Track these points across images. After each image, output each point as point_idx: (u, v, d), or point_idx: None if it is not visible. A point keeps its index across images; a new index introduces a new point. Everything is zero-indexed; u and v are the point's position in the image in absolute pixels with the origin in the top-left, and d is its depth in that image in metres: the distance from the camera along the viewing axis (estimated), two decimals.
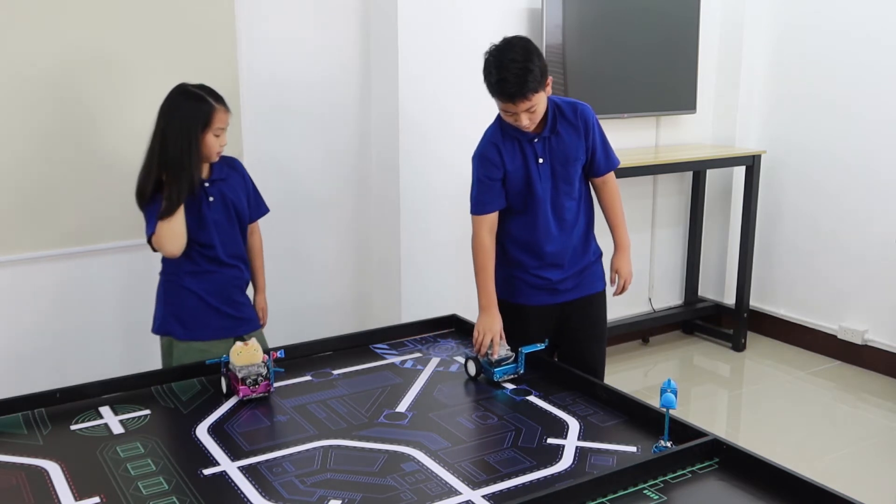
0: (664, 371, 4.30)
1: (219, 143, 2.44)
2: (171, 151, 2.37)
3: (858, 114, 4.16)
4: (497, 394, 2.21)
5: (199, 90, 2.43)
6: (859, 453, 3.41)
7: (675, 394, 1.82)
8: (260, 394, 2.14)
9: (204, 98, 2.41)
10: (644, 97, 4.22)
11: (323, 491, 1.70)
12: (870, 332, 4.24)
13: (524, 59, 2.26)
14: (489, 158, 2.46)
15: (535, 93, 2.29)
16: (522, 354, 2.29)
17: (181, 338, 2.52)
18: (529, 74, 2.26)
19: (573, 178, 2.50)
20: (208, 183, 2.47)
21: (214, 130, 2.41)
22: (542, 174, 2.46)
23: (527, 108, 2.32)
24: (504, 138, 2.47)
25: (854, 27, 4.12)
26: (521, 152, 2.46)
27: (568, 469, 1.79)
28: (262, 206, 2.69)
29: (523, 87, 2.26)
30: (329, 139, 3.38)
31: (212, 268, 2.50)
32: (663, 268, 4.73)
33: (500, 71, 2.27)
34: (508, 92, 2.28)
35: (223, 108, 2.43)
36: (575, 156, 2.49)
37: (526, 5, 3.83)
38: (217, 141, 2.43)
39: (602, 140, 2.54)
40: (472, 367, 2.30)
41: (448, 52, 3.32)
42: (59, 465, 1.81)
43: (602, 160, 2.55)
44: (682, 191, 4.71)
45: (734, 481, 1.72)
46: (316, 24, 3.27)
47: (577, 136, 2.48)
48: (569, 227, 2.53)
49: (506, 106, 2.34)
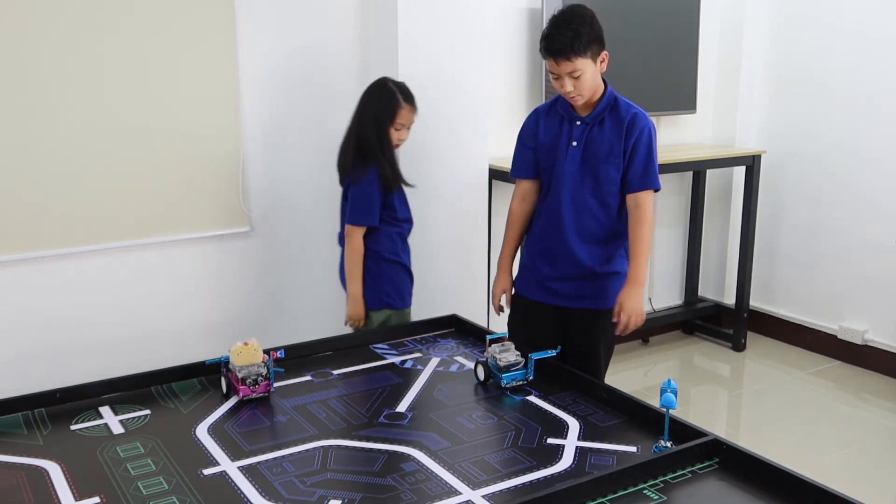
0: (664, 371, 4.30)
1: (397, 137, 2.83)
2: (365, 137, 2.79)
3: (859, 114, 4.16)
4: (498, 394, 2.21)
5: (394, 86, 2.82)
6: (859, 453, 3.41)
7: (675, 394, 1.82)
8: (260, 394, 2.14)
9: (394, 94, 2.79)
10: (644, 97, 4.20)
11: (323, 491, 1.70)
12: (870, 332, 4.24)
13: (578, 24, 2.30)
14: (527, 125, 2.58)
15: (579, 56, 2.30)
16: (532, 361, 2.22)
17: (400, 307, 2.88)
18: (578, 37, 2.28)
19: (603, 177, 2.43)
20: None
21: (396, 125, 2.80)
22: (571, 159, 2.43)
23: (570, 72, 2.32)
24: (549, 112, 2.52)
25: (854, 27, 4.12)
26: (559, 130, 2.47)
27: (568, 469, 1.79)
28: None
29: (567, 47, 2.28)
30: (329, 139, 3.37)
31: (409, 242, 2.94)
32: (663, 268, 4.73)
33: (551, 28, 2.32)
34: (553, 48, 2.30)
35: (409, 106, 2.81)
36: (609, 153, 2.42)
37: (526, 5, 3.83)
38: (397, 135, 2.82)
39: (646, 156, 2.43)
40: (480, 371, 2.26)
41: (448, 52, 3.32)
42: (59, 465, 1.81)
43: (636, 175, 2.43)
44: (682, 191, 4.71)
45: (734, 481, 1.72)
46: (316, 24, 3.27)
47: (619, 134, 2.42)
48: (586, 228, 2.46)
49: (551, 66, 2.35)
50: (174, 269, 3.13)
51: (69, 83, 2.82)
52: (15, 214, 2.81)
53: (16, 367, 2.87)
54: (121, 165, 2.95)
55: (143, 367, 2.33)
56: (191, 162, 3.07)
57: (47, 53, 2.77)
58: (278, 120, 3.25)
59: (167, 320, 3.14)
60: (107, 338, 3.04)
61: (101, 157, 2.91)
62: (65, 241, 2.91)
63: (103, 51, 2.86)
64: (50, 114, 2.81)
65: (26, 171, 2.80)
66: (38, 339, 2.92)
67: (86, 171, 2.90)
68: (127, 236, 3.00)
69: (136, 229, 3.02)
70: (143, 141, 2.97)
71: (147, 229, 3.04)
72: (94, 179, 2.91)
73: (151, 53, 2.94)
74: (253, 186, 3.22)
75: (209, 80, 3.06)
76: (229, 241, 3.23)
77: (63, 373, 2.67)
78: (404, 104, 2.80)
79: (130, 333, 3.07)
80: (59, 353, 2.95)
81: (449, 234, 3.45)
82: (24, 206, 2.82)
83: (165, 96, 2.98)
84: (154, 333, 3.11)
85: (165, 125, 3.00)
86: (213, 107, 3.08)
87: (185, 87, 3.02)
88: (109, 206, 2.95)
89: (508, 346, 2.27)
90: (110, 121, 2.91)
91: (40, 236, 2.86)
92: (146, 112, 2.96)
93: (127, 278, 3.05)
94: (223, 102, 3.10)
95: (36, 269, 2.89)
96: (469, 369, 2.38)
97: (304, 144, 3.32)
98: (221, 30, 3.06)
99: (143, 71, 2.93)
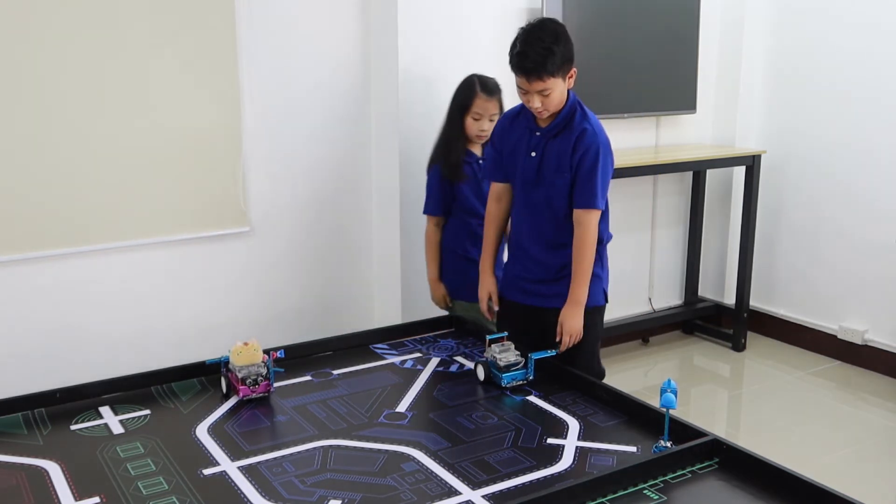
0: (664, 371, 4.30)
1: (477, 127, 2.84)
2: (443, 129, 2.92)
3: (859, 114, 4.16)
4: (498, 394, 2.21)
5: (476, 78, 2.87)
6: (859, 453, 3.41)
7: (675, 394, 1.82)
8: (260, 394, 2.14)
9: (473, 85, 2.84)
10: (644, 97, 4.22)
11: (323, 491, 1.70)
12: (870, 332, 4.24)
13: (550, 41, 2.28)
14: (496, 130, 2.60)
15: (551, 76, 2.29)
16: (532, 361, 2.24)
17: (469, 300, 2.83)
18: (550, 56, 2.27)
19: (554, 189, 2.42)
20: (482, 160, 2.88)
21: (473, 114, 2.83)
22: (529, 168, 2.46)
23: (540, 90, 2.31)
24: (517, 117, 2.52)
25: (855, 28, 4.12)
26: (521, 139, 2.48)
27: (568, 469, 1.79)
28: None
29: (540, 66, 2.27)
30: (329, 139, 3.37)
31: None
32: (663, 268, 4.73)
33: (524, 45, 2.30)
34: (525, 67, 2.29)
35: (486, 96, 2.82)
36: (558, 166, 2.40)
37: (526, 5, 3.83)
38: (476, 125, 2.84)
39: (587, 174, 2.37)
40: (480, 371, 2.27)
41: (448, 51, 3.32)
42: (59, 465, 1.81)
43: (577, 192, 2.39)
44: (682, 191, 4.71)
45: (734, 481, 1.72)
46: (316, 24, 3.27)
47: (567, 149, 2.39)
48: (543, 234, 2.48)
49: (520, 82, 2.34)
50: (174, 269, 3.13)
51: (69, 83, 2.82)
52: (15, 214, 2.81)
53: (16, 367, 2.87)
54: (121, 165, 2.94)
55: (143, 367, 2.33)
56: (191, 162, 3.07)
57: (47, 53, 2.77)
58: (278, 120, 3.25)
59: (167, 320, 3.14)
60: (107, 338, 3.04)
61: (101, 157, 2.91)
62: (65, 241, 2.90)
63: (103, 51, 2.85)
64: (50, 114, 2.81)
65: (26, 171, 2.80)
66: (38, 338, 2.92)
67: (86, 171, 2.90)
68: (127, 236, 3.00)
69: (136, 229, 3.01)
70: (144, 141, 2.97)
71: (147, 229, 3.04)
72: (94, 179, 2.91)
73: (151, 53, 2.94)
74: (253, 186, 3.22)
75: (209, 80, 3.06)
76: (229, 241, 3.22)
77: (63, 373, 2.67)
78: (480, 93, 2.82)
79: (130, 333, 3.07)
80: (59, 353, 2.95)
81: None
82: (24, 206, 2.82)
83: (165, 96, 2.98)
84: (154, 333, 3.11)
85: (165, 125, 3.00)
86: (213, 107, 3.08)
87: (185, 87, 3.01)
88: (109, 206, 2.95)
89: (508, 346, 2.28)
90: (110, 121, 2.91)
91: (40, 236, 2.86)
92: (146, 112, 2.96)
93: (127, 278, 3.05)
94: (223, 102, 3.10)
95: (36, 269, 2.89)
96: (469, 369, 2.38)
97: (304, 144, 3.32)
98: (222, 30, 3.05)
99: (143, 71, 2.93)
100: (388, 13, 3.25)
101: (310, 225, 3.39)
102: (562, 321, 2.42)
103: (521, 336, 2.40)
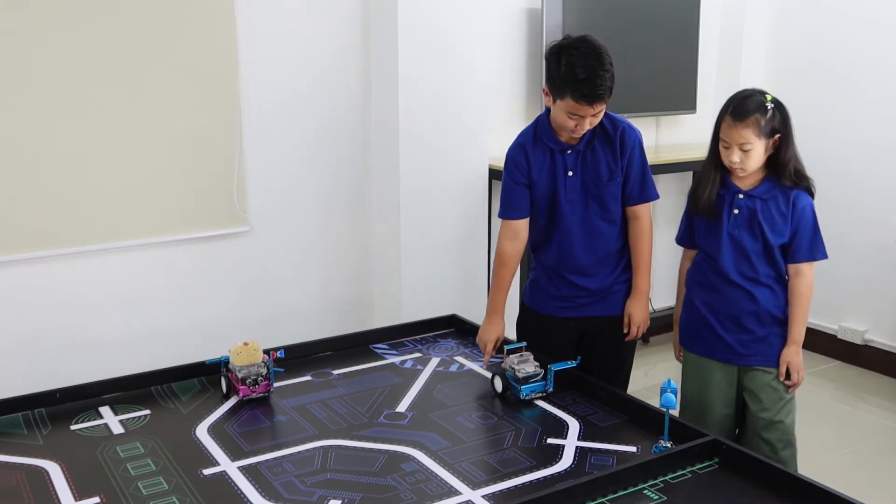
0: (664, 371, 4.29)
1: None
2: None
3: (859, 114, 4.16)
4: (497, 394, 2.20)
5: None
6: (859, 453, 3.41)
7: (675, 394, 1.82)
8: (260, 394, 2.14)
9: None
10: (644, 97, 4.22)
11: (323, 491, 1.70)
12: (870, 332, 4.24)
13: (609, 63, 2.22)
14: (516, 162, 2.40)
15: (610, 95, 2.23)
16: (552, 372, 2.17)
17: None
18: (607, 75, 2.21)
19: (608, 198, 2.38)
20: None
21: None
22: (570, 189, 2.35)
23: (595, 113, 2.23)
24: (535, 144, 2.38)
25: (856, 28, 4.11)
26: (551, 162, 2.36)
27: (568, 469, 1.79)
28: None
29: (602, 88, 2.19)
30: (329, 139, 3.37)
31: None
32: (663, 268, 4.72)
33: (588, 70, 2.17)
34: (595, 94, 2.18)
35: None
36: (609, 176, 2.36)
37: (526, 5, 3.83)
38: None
39: (641, 169, 2.40)
40: (498, 383, 2.20)
41: (448, 51, 3.32)
42: (59, 465, 1.81)
43: (635, 189, 2.40)
44: (682, 191, 4.70)
45: (734, 481, 1.72)
46: (316, 25, 3.27)
47: (614, 154, 2.35)
48: (601, 250, 2.41)
49: (578, 108, 2.21)
50: (174, 269, 3.12)
51: (68, 83, 2.82)
52: (15, 215, 2.81)
53: (16, 367, 2.87)
54: (121, 165, 2.94)
55: (143, 367, 2.33)
56: (190, 162, 3.07)
57: (45, 53, 2.77)
58: (278, 120, 3.24)
59: (167, 320, 3.14)
60: (106, 338, 3.03)
61: (100, 158, 2.91)
62: (65, 241, 2.90)
63: (102, 51, 2.85)
64: (49, 114, 2.80)
65: (27, 171, 2.80)
66: (38, 339, 2.92)
67: (85, 171, 2.89)
68: (127, 236, 3.00)
69: (135, 229, 3.01)
70: (143, 141, 2.97)
71: (147, 229, 3.03)
72: (94, 179, 2.91)
73: (151, 53, 2.93)
74: (252, 186, 3.22)
75: (209, 80, 3.05)
76: (229, 241, 3.22)
77: (63, 373, 2.67)
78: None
79: (130, 333, 3.07)
80: (59, 353, 2.94)
81: (449, 234, 3.45)
82: (25, 206, 2.82)
83: (165, 96, 2.98)
84: (154, 333, 3.11)
85: (165, 125, 2.99)
86: (213, 107, 3.08)
87: (184, 87, 3.01)
88: (109, 207, 2.95)
89: (527, 356, 2.22)
90: (110, 121, 2.90)
91: (40, 236, 2.86)
92: (146, 112, 2.96)
93: (127, 278, 3.04)
94: (223, 102, 3.09)
95: (36, 269, 2.89)
96: (469, 369, 2.38)
97: (304, 144, 3.32)
98: (221, 30, 3.05)
99: (142, 71, 2.93)
100: (387, 14, 3.25)
101: (309, 225, 3.39)
102: (630, 313, 2.45)
103: (550, 346, 2.35)
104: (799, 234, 2.24)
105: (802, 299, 2.26)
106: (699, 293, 2.36)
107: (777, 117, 2.21)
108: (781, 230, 2.24)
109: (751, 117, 2.17)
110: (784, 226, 2.24)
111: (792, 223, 2.24)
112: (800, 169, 2.25)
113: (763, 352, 2.28)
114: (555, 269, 2.45)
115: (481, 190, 3.52)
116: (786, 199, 2.24)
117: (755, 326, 2.27)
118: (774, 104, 2.21)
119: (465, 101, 3.37)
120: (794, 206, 2.24)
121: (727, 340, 2.29)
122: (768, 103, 2.20)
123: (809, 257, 2.26)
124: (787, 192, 2.24)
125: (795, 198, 2.24)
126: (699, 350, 2.36)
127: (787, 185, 2.23)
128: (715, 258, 2.31)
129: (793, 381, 2.27)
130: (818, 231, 2.29)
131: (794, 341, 2.27)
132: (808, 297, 2.28)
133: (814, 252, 2.26)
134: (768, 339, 2.28)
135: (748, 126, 2.17)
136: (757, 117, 2.17)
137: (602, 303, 2.45)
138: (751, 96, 2.22)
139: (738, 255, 2.27)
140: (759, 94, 2.22)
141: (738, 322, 2.27)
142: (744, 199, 2.27)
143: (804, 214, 2.25)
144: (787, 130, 2.23)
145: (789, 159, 2.22)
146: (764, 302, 2.26)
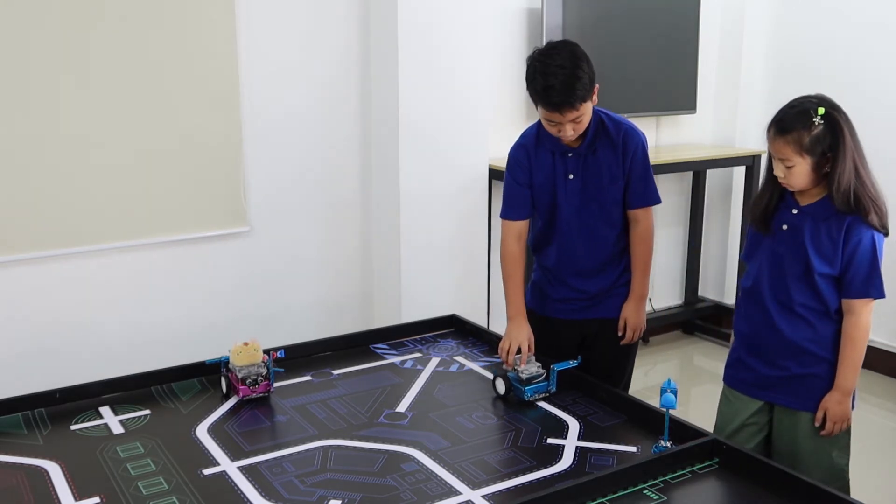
0: (664, 371, 4.30)
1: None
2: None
3: (859, 114, 4.11)
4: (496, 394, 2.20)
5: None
6: (859, 453, 3.40)
7: (675, 394, 1.82)
8: (260, 394, 2.14)
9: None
10: (644, 97, 4.22)
11: (323, 491, 1.70)
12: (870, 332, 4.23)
13: (572, 66, 2.11)
14: (518, 162, 2.38)
15: (582, 102, 2.13)
16: (555, 372, 2.16)
17: None
18: (578, 82, 2.10)
19: (609, 202, 2.34)
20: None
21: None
22: (572, 191, 2.33)
23: (573, 119, 2.16)
24: (538, 146, 2.35)
25: (855, 28, 4.11)
26: (552, 165, 2.33)
27: (568, 469, 1.79)
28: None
29: (571, 96, 2.10)
30: (329, 139, 3.37)
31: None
32: (663, 268, 4.73)
33: (547, 77, 2.11)
34: (555, 101, 2.12)
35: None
36: (611, 179, 2.32)
37: (526, 5, 3.84)
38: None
39: (643, 173, 2.35)
40: (500, 385, 2.18)
41: (448, 51, 3.32)
42: (59, 465, 1.81)
43: (637, 192, 2.35)
44: (682, 191, 4.70)
45: (734, 481, 1.72)
46: (316, 25, 3.27)
47: (616, 157, 2.31)
48: (601, 252, 2.39)
49: (550, 115, 2.17)
50: (174, 269, 3.13)
51: (69, 83, 2.82)
52: (15, 214, 2.81)
53: (16, 367, 2.87)
54: (121, 165, 2.94)
55: (143, 367, 2.33)
56: (191, 162, 3.07)
57: (46, 52, 2.77)
58: (278, 120, 3.25)
59: (167, 320, 3.14)
60: (107, 338, 3.04)
61: (101, 158, 2.91)
62: (65, 241, 2.90)
63: (103, 50, 2.85)
64: (49, 114, 2.81)
65: (26, 171, 2.80)
66: (38, 339, 2.92)
67: (86, 171, 2.90)
68: (127, 236, 3.00)
69: (136, 229, 3.01)
70: (144, 141, 2.97)
71: (147, 229, 3.04)
72: (94, 179, 2.91)
73: (151, 53, 2.93)
74: (253, 186, 3.22)
75: (210, 81, 3.05)
76: (229, 241, 3.22)
77: (63, 373, 2.67)
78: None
79: (130, 333, 3.07)
80: (59, 353, 2.95)
81: (449, 234, 3.45)
82: (24, 206, 2.82)
83: (165, 96, 2.98)
84: (154, 333, 3.11)
85: (165, 125, 3.00)
86: (213, 107, 3.08)
87: (185, 87, 3.01)
88: (109, 206, 2.95)
89: (529, 357, 2.22)
90: (110, 121, 2.90)
91: (40, 236, 2.86)
92: (146, 113, 2.96)
93: (127, 278, 3.05)
94: (223, 102, 3.09)
95: (36, 269, 2.89)
96: (469, 369, 2.38)
97: (304, 144, 3.32)
98: (222, 30, 3.05)
99: (143, 71, 2.93)
100: (387, 14, 3.25)
101: (309, 225, 3.39)
102: (626, 316, 2.41)
103: (552, 348, 2.34)
104: (853, 268, 1.98)
105: (851, 342, 2.02)
106: (736, 316, 2.20)
107: (827, 136, 1.96)
108: (829, 257, 1.98)
109: (791, 134, 1.95)
110: (833, 253, 1.98)
111: (844, 253, 1.97)
112: (861, 196, 1.98)
113: (795, 391, 2.08)
114: (555, 271, 2.44)
115: (481, 190, 3.52)
116: (839, 224, 1.97)
117: (790, 363, 2.06)
118: (826, 119, 1.95)
119: (465, 102, 3.37)
120: (849, 235, 1.97)
121: (757, 372, 2.12)
122: (816, 118, 1.94)
123: (863, 293, 2.00)
124: (841, 218, 1.97)
125: (850, 226, 1.97)
126: (726, 378, 2.22)
127: (842, 209, 1.97)
128: (753, 276, 2.12)
129: (826, 429, 2.04)
130: (877, 267, 1.99)
131: (837, 387, 2.02)
132: (860, 339, 2.03)
133: (868, 288, 1.99)
134: (805, 379, 2.06)
135: (788, 143, 1.95)
136: (799, 134, 1.94)
137: (602, 306, 2.43)
138: (798, 107, 1.98)
139: (774, 277, 2.06)
140: (812, 106, 1.97)
141: (763, 353, 2.09)
142: (794, 216, 2.04)
143: (860, 247, 1.97)
144: (838, 150, 1.97)
145: (843, 181, 1.97)
146: (791, 334, 2.04)
